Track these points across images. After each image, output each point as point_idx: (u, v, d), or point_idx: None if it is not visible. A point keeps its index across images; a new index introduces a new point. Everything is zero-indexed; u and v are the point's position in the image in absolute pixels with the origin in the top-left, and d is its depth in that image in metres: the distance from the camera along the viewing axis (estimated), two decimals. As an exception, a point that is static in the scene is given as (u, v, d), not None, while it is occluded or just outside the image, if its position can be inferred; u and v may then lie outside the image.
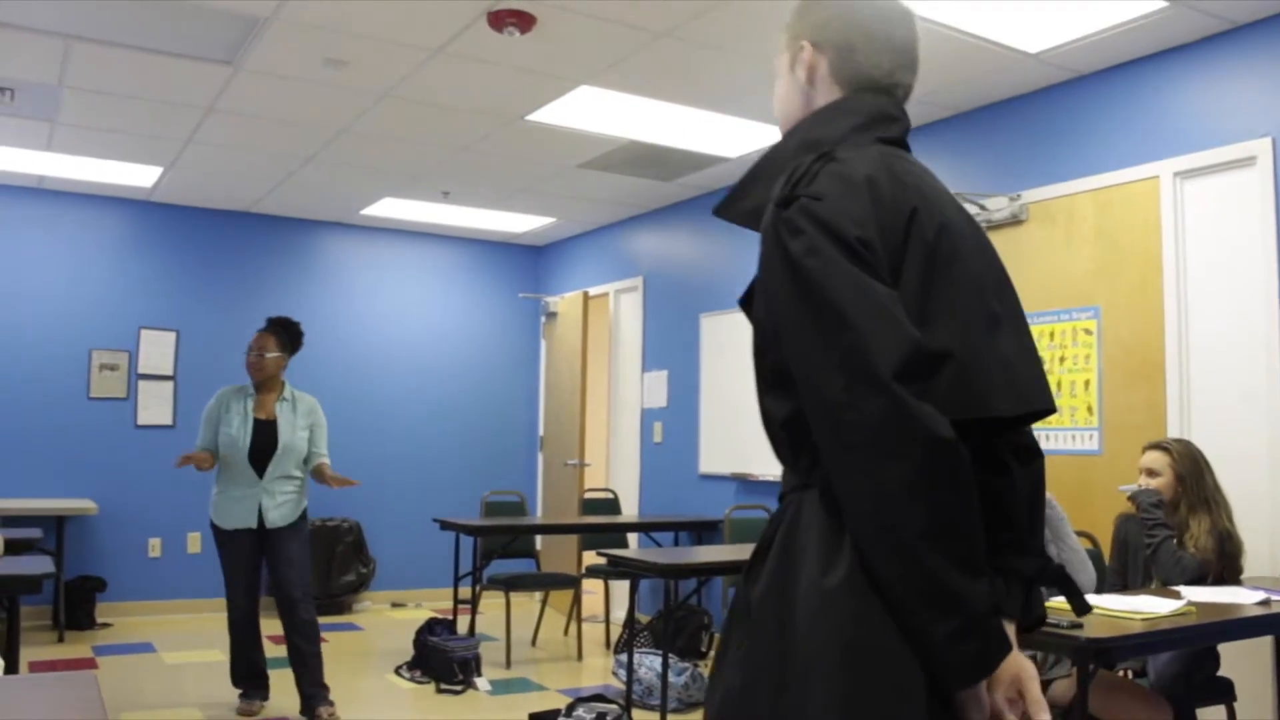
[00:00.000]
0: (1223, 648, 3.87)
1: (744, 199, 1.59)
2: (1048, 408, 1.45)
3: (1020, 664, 1.40)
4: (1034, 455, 1.51)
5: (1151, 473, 3.85)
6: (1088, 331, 4.79)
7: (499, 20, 4.39)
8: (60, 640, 6.90)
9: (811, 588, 1.36)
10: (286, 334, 5.27)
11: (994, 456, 1.46)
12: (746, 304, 1.55)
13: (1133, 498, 3.84)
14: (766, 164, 1.58)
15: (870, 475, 1.30)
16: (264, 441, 5.10)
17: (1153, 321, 4.54)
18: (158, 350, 7.95)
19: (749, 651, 1.43)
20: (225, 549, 5.13)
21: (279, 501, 5.09)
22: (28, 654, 5.97)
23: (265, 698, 5.23)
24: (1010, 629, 1.45)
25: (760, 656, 1.41)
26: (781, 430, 1.49)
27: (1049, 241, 4.99)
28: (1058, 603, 3.23)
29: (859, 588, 1.33)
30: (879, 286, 1.34)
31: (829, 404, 1.33)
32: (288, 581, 5.06)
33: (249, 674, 5.20)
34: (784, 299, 1.40)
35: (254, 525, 5.06)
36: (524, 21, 4.39)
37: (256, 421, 5.12)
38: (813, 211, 1.39)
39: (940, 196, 1.50)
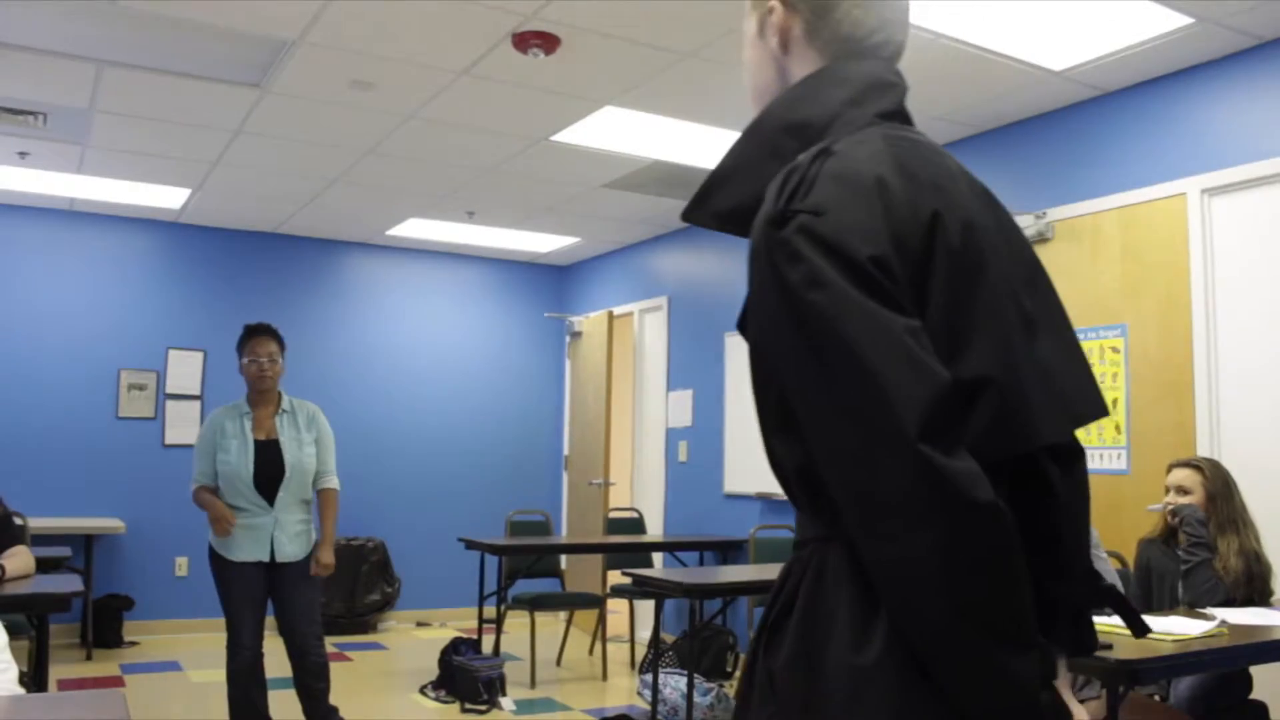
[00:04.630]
0: (1255, 671, 3.81)
1: (715, 198, 1.34)
2: (1099, 415, 1.30)
3: (1068, 712, 1.26)
4: (1075, 456, 1.32)
5: (1182, 490, 3.78)
6: (1115, 350, 4.75)
7: (524, 42, 4.41)
8: (88, 658, 6.94)
9: (842, 664, 1.17)
10: (280, 337, 4.83)
11: (1032, 468, 1.28)
12: (744, 327, 1.31)
13: (1176, 512, 3.76)
14: (740, 153, 1.34)
15: (896, 543, 1.10)
16: (269, 466, 4.61)
17: (1181, 340, 4.50)
18: (185, 370, 8.01)
19: None
20: (233, 583, 4.58)
21: (292, 533, 4.63)
22: (56, 671, 6.00)
23: None
24: (1062, 669, 1.31)
25: None
26: (796, 478, 1.28)
27: (1075, 260, 4.96)
28: (1104, 624, 3.20)
29: (897, 666, 1.14)
30: (897, 320, 1.12)
31: (844, 464, 1.14)
32: (303, 625, 4.65)
33: None
34: (784, 338, 1.18)
35: (265, 559, 4.58)
36: (548, 43, 4.42)
37: (256, 443, 4.63)
38: (814, 231, 1.15)
39: (958, 186, 1.27)
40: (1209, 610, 3.43)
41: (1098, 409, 1.30)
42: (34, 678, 3.88)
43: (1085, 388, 1.30)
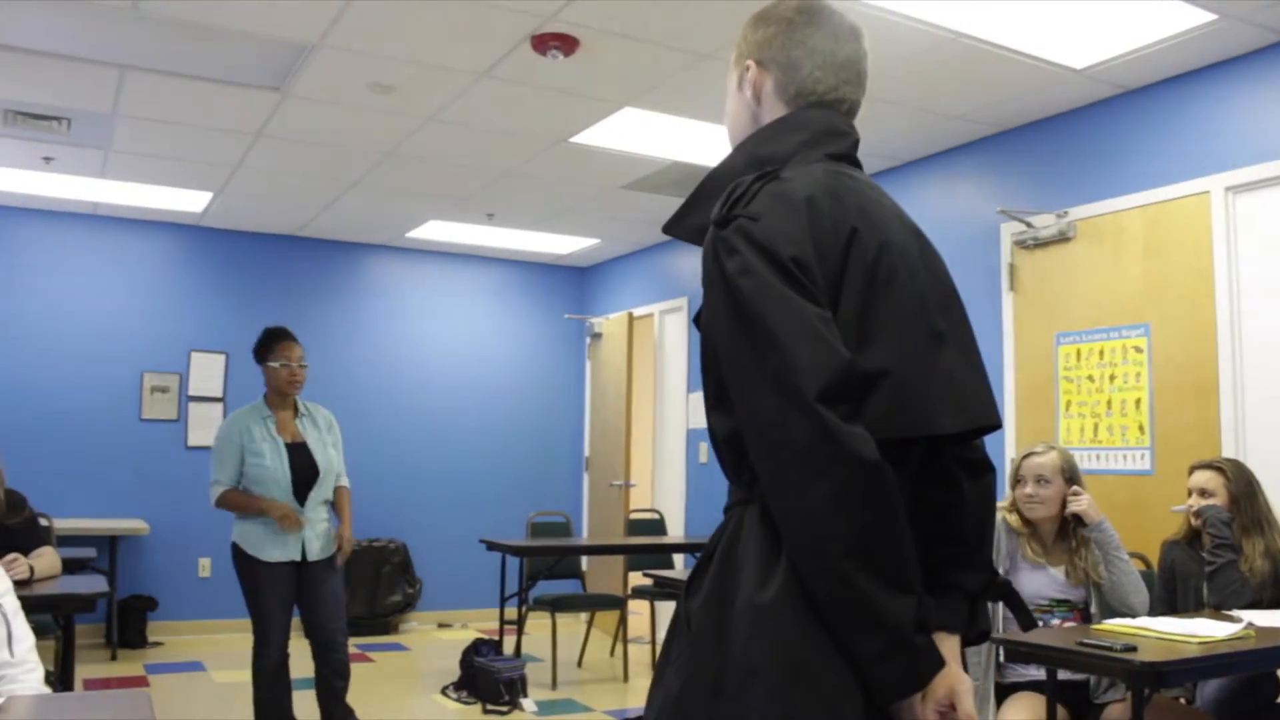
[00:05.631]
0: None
1: (691, 216, 1.59)
2: (993, 423, 1.47)
3: (955, 677, 1.41)
4: (984, 469, 1.54)
5: (1205, 493, 3.75)
6: (1138, 349, 4.72)
7: (542, 44, 4.42)
8: (113, 658, 6.99)
9: (748, 602, 1.38)
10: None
11: (942, 470, 1.49)
12: (699, 320, 1.55)
13: (1200, 513, 3.72)
14: (712, 181, 1.58)
15: (798, 494, 1.33)
16: (302, 469, 4.65)
17: (1205, 339, 4.47)
18: (208, 372, 8.05)
19: (688, 659, 1.45)
20: (265, 583, 4.57)
21: (319, 532, 4.68)
22: (82, 671, 6.04)
23: None
24: (953, 642, 1.48)
25: (698, 665, 1.42)
26: (725, 446, 1.51)
27: (1097, 259, 4.93)
28: (1112, 625, 3.18)
29: (793, 603, 1.35)
30: (809, 307, 1.36)
31: (760, 423, 1.37)
32: (330, 622, 4.68)
33: None
34: (720, 318, 1.43)
35: (297, 558, 4.61)
36: (567, 45, 4.43)
37: (287, 446, 4.66)
38: (748, 231, 1.41)
39: (884, 215, 1.50)
40: (1235, 612, 3.40)
41: (992, 418, 1.48)
42: (60, 677, 3.92)
43: (984, 398, 1.48)
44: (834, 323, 1.37)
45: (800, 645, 1.34)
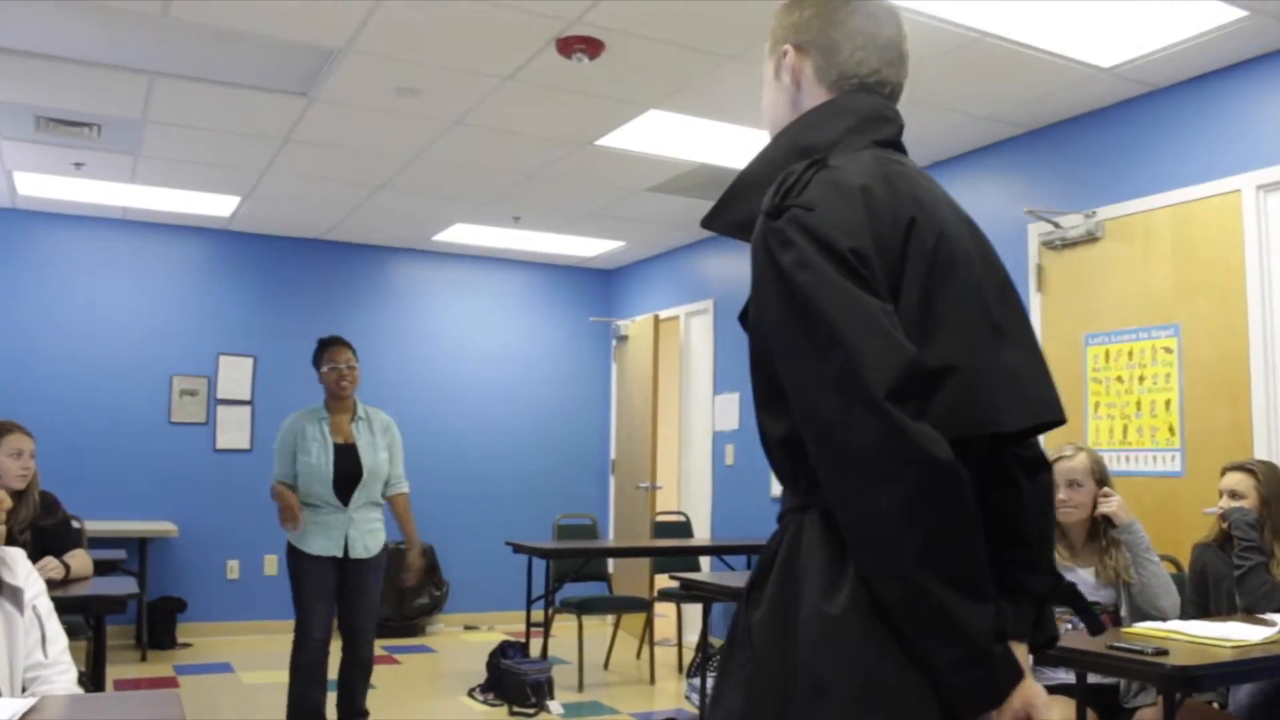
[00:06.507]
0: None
1: (731, 209, 1.53)
2: (1058, 419, 1.41)
3: (1030, 689, 1.34)
4: (1041, 468, 1.46)
5: (1235, 495, 3.70)
6: (1167, 350, 4.68)
7: (568, 47, 4.43)
8: (143, 659, 7.05)
9: (814, 613, 1.31)
10: (353, 347, 5.06)
11: (1001, 471, 1.42)
12: (745, 320, 1.49)
13: (1225, 516, 3.69)
14: (754, 172, 1.52)
15: (865, 498, 1.26)
16: (347, 468, 4.81)
17: (1236, 339, 4.42)
18: (236, 375, 8.11)
19: (750, 676, 1.38)
20: (308, 576, 4.75)
21: (365, 531, 4.84)
22: (113, 672, 6.08)
23: None
24: (1021, 650, 1.41)
25: (762, 682, 1.36)
26: (778, 449, 1.44)
27: (1126, 258, 4.89)
28: (1143, 628, 3.15)
29: (864, 614, 1.28)
30: (872, 301, 1.29)
31: (823, 424, 1.30)
32: (362, 620, 4.84)
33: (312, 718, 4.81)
34: (775, 314, 1.36)
35: (339, 554, 4.76)
36: (592, 48, 4.43)
37: (336, 447, 4.83)
38: (804, 222, 1.34)
39: (938, 204, 1.45)
40: (1269, 615, 3.36)
41: (1057, 414, 1.42)
42: (92, 677, 3.95)
43: (1048, 393, 1.42)
44: (896, 316, 1.31)
45: (871, 659, 1.28)
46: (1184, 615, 3.81)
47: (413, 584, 4.93)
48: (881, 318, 1.28)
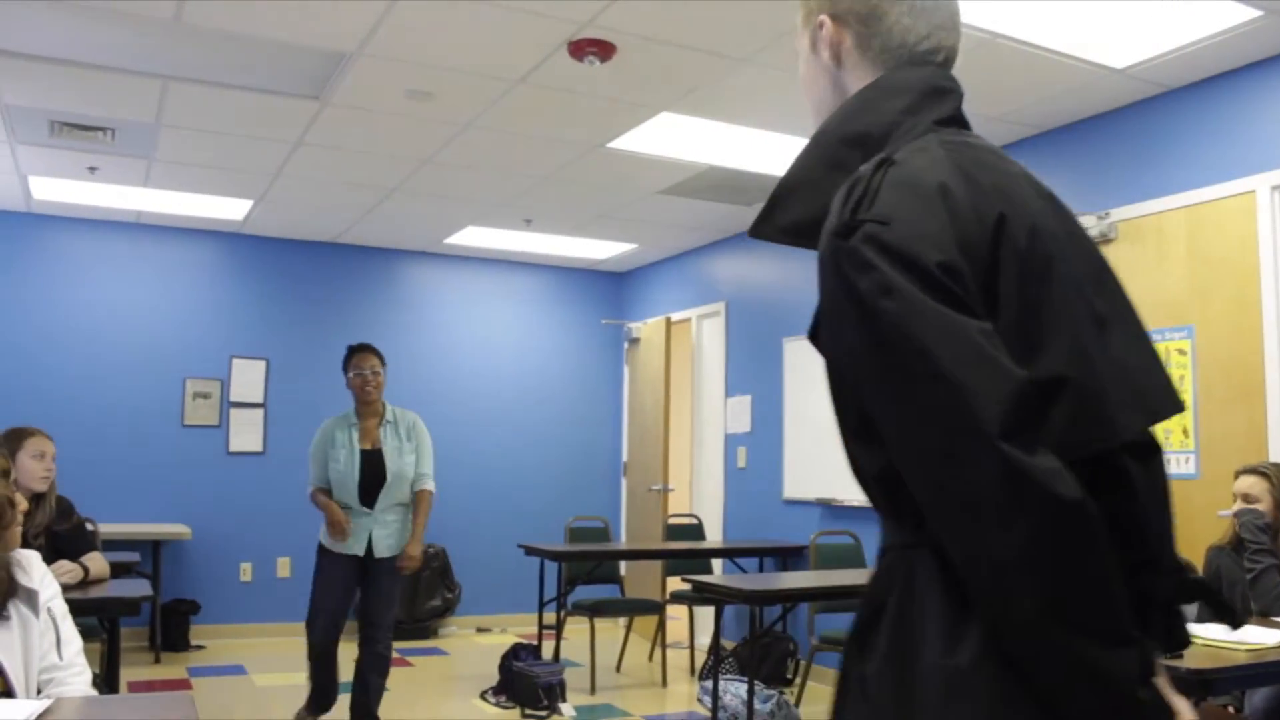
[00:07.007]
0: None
1: (781, 212, 1.35)
2: (1175, 409, 1.28)
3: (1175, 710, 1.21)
4: (1152, 451, 1.27)
5: (1248, 498, 3.70)
6: (1181, 352, 4.66)
7: (579, 50, 4.43)
8: (157, 661, 7.08)
9: (935, 666, 1.16)
10: (380, 353, 5.27)
11: (1111, 465, 1.23)
12: (815, 337, 1.33)
13: (1237, 516, 3.68)
14: (802, 167, 1.35)
15: (983, 543, 1.10)
16: (372, 473, 5.06)
17: (1251, 341, 4.40)
18: (249, 378, 8.13)
19: None
20: (323, 568, 5.07)
21: (388, 531, 5.07)
22: (126, 674, 6.11)
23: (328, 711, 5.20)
24: (1164, 683, 1.25)
25: None
26: (876, 484, 1.28)
27: (1139, 260, 4.87)
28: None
29: (994, 666, 1.13)
30: (970, 324, 1.13)
31: (928, 465, 1.14)
32: (379, 614, 5.07)
33: (329, 701, 5.13)
34: (858, 346, 1.19)
35: (361, 553, 5.03)
36: (604, 50, 4.43)
37: (362, 453, 5.08)
38: (881, 240, 1.16)
39: (1022, 190, 1.28)
40: (1283, 618, 3.34)
41: (1174, 404, 1.29)
42: (106, 679, 3.97)
43: (1160, 384, 1.29)
44: (996, 334, 1.14)
45: (1001, 714, 1.13)
46: (1198, 619, 3.80)
47: (405, 572, 5.14)
48: (983, 341, 1.12)
